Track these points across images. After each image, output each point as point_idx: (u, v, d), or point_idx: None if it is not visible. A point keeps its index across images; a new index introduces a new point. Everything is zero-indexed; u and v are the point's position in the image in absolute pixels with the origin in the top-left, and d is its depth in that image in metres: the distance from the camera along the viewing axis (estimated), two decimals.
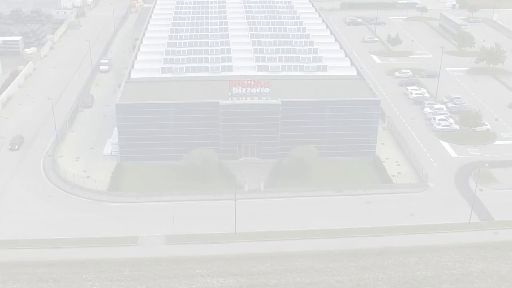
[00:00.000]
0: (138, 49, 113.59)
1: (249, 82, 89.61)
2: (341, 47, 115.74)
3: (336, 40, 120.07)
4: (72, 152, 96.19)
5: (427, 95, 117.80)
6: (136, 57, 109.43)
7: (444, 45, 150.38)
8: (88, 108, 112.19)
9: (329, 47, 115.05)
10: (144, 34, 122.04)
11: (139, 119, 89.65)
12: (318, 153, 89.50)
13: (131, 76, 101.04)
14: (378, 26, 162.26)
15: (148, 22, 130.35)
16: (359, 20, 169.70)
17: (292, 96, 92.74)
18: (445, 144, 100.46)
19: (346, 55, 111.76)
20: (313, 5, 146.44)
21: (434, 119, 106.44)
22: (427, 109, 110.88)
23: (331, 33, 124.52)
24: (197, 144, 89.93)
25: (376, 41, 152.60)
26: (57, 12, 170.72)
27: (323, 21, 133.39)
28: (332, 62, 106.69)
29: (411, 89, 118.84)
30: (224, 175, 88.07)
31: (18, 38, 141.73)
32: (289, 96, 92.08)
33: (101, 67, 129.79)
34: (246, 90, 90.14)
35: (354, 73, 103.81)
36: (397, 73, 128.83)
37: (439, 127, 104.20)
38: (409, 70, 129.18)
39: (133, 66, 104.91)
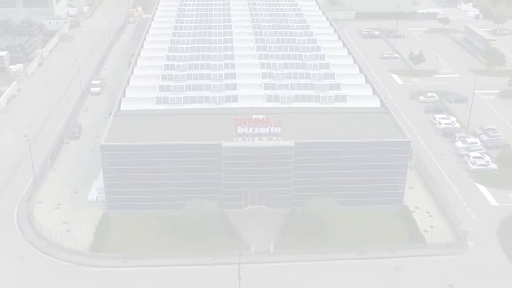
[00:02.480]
0: (132, 72, 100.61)
1: (256, 120, 76.42)
2: (360, 71, 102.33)
3: (355, 62, 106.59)
4: (52, 197, 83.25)
5: (457, 125, 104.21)
6: (128, 83, 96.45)
7: (471, 62, 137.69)
8: (74, 139, 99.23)
9: (348, 71, 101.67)
10: (139, 54, 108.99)
11: (128, 162, 76.62)
12: (337, 201, 76.46)
13: (121, 107, 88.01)
14: (397, 40, 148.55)
15: (145, 39, 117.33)
16: (376, 32, 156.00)
17: (307, 134, 79.52)
18: (483, 189, 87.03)
19: (367, 81, 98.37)
20: (327, 18, 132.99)
21: (468, 156, 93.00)
22: (458, 144, 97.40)
23: (349, 52, 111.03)
24: (195, 192, 77.16)
25: (396, 57, 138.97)
26: (49, 22, 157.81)
27: (339, 37, 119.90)
28: (352, 90, 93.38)
29: (439, 118, 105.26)
30: (226, 231, 74.99)
31: (4, 53, 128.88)
32: (304, 135, 78.91)
33: (92, 89, 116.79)
34: (253, 130, 77.02)
35: (377, 103, 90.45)
36: (422, 97, 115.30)
37: (474, 166, 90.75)
38: (435, 94, 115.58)
39: (124, 94, 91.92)
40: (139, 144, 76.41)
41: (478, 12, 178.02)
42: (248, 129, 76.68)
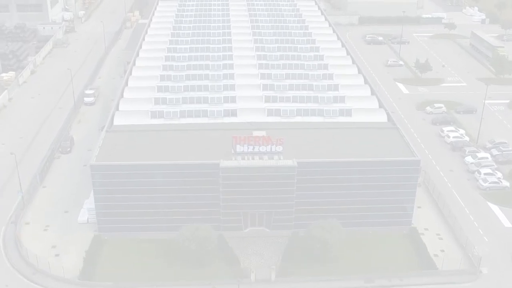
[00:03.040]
0: (126, 83, 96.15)
1: (257, 139, 71.93)
2: (365, 81, 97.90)
3: (359, 71, 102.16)
4: (41, 218, 78.76)
5: (466, 138, 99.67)
6: (122, 95, 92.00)
7: (478, 70, 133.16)
8: (66, 153, 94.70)
9: (353, 81, 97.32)
10: (134, 63, 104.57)
11: (120, 183, 72.07)
12: (342, 222, 72.12)
13: (114, 122, 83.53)
14: (402, 46, 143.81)
15: (141, 47, 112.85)
16: (380, 38, 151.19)
17: (310, 152, 75.00)
18: (495, 208, 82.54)
19: (372, 92, 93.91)
20: (330, 25, 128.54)
21: (479, 173, 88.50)
22: (468, 159, 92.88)
23: (353, 61, 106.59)
24: (192, 213, 72.94)
25: (401, 65, 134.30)
26: (44, 28, 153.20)
27: (343, 45, 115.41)
28: (357, 103, 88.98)
29: (448, 131, 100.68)
30: (225, 257, 70.45)
31: None
32: (307, 153, 74.42)
33: (86, 99, 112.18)
34: (253, 149, 72.55)
35: (384, 117, 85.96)
36: (428, 108, 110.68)
37: (486, 184, 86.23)
38: (442, 105, 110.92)
39: (117, 108, 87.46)
40: (132, 163, 71.87)
41: (484, 17, 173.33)
42: (248, 148, 72.22)
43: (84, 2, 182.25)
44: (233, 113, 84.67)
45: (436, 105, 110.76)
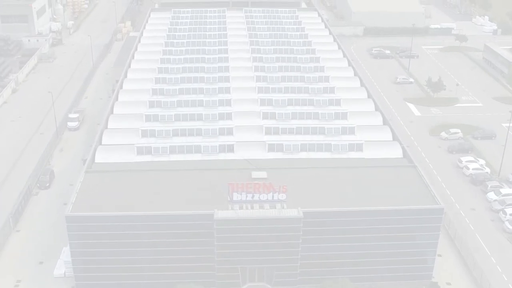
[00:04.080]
0: (111, 110, 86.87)
1: (256, 186, 62.57)
2: (376, 108, 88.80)
3: (369, 96, 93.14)
4: (12, 270, 69.27)
5: (487, 169, 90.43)
6: (106, 124, 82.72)
7: (493, 88, 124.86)
8: (44, 189, 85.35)
9: (362, 107, 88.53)
10: (121, 86, 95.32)
11: (100, 236, 62.73)
12: (354, 277, 63.13)
13: (96, 159, 74.17)
14: (411, 60, 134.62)
15: (129, 66, 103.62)
16: (387, 51, 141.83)
17: (318, 198, 65.69)
18: None
19: (385, 122, 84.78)
20: (335, 39, 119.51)
21: (504, 213, 79.30)
22: (491, 195, 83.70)
23: (361, 84, 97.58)
24: (182, 269, 63.95)
25: (411, 82, 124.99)
26: (29, 40, 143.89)
27: (349, 64, 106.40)
28: (368, 134, 79.86)
29: (466, 162, 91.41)
30: None
31: None
32: (314, 200, 65.12)
33: (69, 124, 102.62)
34: (252, 197, 63.22)
35: (399, 152, 76.72)
36: (444, 134, 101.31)
37: None
38: (459, 130, 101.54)
39: (100, 142, 78.12)
40: (113, 214, 62.37)
41: (495, 27, 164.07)
42: (247, 196, 62.87)
43: (73, 11, 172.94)
44: (230, 148, 75.31)
45: (452, 130, 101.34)
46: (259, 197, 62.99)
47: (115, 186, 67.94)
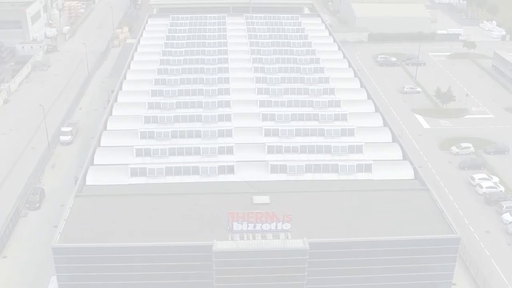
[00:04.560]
0: (105, 126, 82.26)
1: (259, 215, 57.89)
2: (385, 123, 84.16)
3: (376, 109, 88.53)
4: None
5: (501, 187, 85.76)
6: (99, 142, 78.05)
7: (504, 97, 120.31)
8: (34, 210, 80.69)
9: (370, 122, 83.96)
10: (116, 99, 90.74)
11: (90, 268, 58.16)
12: None
13: (87, 181, 69.51)
14: (418, 68, 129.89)
15: (125, 77, 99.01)
16: (393, 59, 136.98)
17: (324, 226, 61.03)
18: None
19: (394, 139, 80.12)
20: (339, 48, 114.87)
21: None
22: (507, 216, 79.05)
23: (368, 96, 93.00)
24: None
25: (418, 92, 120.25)
26: (23, 47, 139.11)
27: (355, 74, 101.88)
28: (377, 153, 75.30)
29: (479, 179, 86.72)
30: None
31: None
32: (320, 228, 60.49)
33: (62, 137, 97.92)
34: (254, 226, 58.54)
35: (411, 173, 71.99)
36: (454, 149, 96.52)
37: None
38: (470, 145, 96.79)
39: (92, 161, 73.46)
40: (103, 246, 57.75)
41: (504, 32, 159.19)
42: (248, 226, 58.19)
43: (70, 16, 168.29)
44: (230, 169, 70.58)
45: (463, 144, 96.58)
46: (261, 227, 58.30)
47: (107, 213, 63.27)
